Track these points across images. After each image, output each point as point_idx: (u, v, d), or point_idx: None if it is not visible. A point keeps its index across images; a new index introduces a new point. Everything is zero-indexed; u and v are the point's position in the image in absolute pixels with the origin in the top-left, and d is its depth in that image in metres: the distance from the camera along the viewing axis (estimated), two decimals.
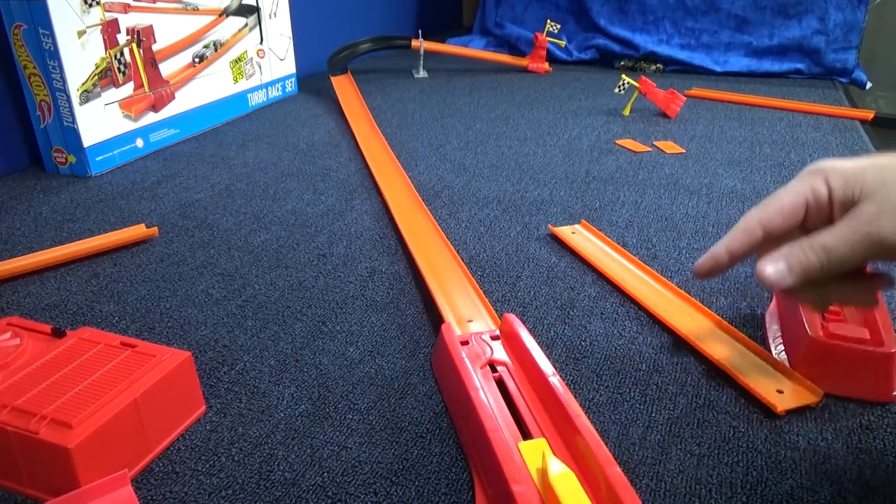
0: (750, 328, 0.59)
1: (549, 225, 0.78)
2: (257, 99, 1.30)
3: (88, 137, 0.93)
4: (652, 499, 0.41)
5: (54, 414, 0.40)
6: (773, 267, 0.40)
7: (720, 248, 0.42)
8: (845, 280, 0.39)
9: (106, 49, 0.93)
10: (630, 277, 0.66)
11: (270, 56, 1.32)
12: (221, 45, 1.17)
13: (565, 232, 0.75)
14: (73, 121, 0.91)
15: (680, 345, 0.56)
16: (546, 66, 1.66)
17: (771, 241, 0.41)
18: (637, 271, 0.67)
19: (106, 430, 0.41)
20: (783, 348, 0.55)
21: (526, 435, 0.43)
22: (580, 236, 0.75)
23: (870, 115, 1.24)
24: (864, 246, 0.37)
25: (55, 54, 0.86)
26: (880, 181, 0.37)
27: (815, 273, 0.39)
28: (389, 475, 0.43)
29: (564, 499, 0.35)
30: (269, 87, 1.33)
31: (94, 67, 0.92)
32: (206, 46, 1.13)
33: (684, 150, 1.06)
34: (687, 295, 0.62)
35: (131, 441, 0.43)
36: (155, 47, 1.02)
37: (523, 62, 1.68)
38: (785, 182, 0.92)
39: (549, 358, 0.47)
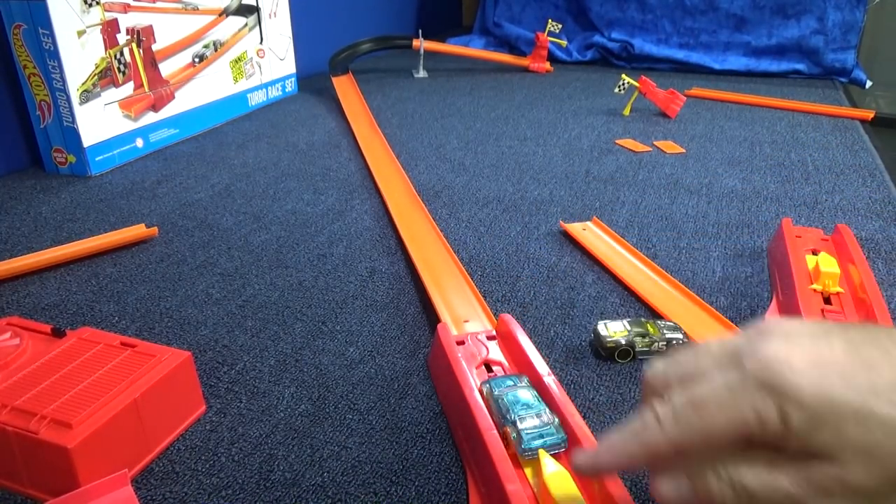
0: None
1: (561, 221, 0.77)
2: (257, 99, 1.30)
3: (88, 137, 0.93)
4: (652, 499, 0.41)
5: (54, 414, 0.40)
6: (674, 486, 0.29)
7: (606, 455, 0.30)
8: None
9: (106, 49, 0.93)
10: (640, 276, 0.65)
11: (270, 56, 1.32)
12: (221, 44, 1.17)
13: (576, 228, 0.75)
14: (73, 121, 0.91)
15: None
16: (547, 65, 1.66)
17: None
18: (646, 270, 0.67)
19: (106, 430, 0.41)
20: None
21: None
22: (591, 233, 0.75)
23: (870, 114, 1.24)
24: None
25: (55, 54, 0.86)
26: (862, 442, 0.24)
27: None
28: (389, 475, 0.43)
29: (559, 497, 0.35)
30: (269, 87, 1.33)
31: (93, 67, 0.92)
32: (205, 46, 1.13)
33: (684, 150, 1.06)
34: (692, 294, 0.62)
35: (131, 441, 0.43)
36: (155, 47, 1.02)
37: (524, 62, 1.68)
38: (785, 182, 0.93)
39: (546, 358, 0.47)
